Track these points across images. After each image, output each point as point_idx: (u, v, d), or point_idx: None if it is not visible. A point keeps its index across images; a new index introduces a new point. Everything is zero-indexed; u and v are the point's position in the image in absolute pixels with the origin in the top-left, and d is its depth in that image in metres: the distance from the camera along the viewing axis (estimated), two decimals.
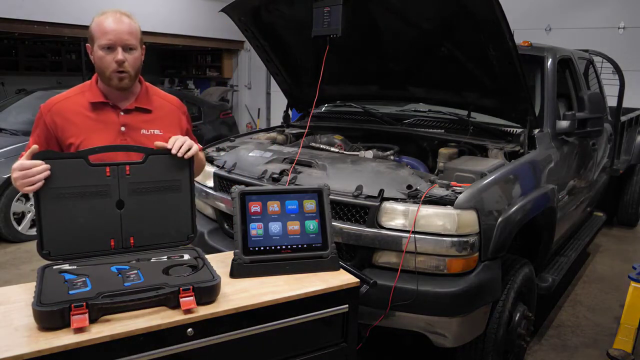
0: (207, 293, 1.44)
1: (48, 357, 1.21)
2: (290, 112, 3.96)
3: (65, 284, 1.41)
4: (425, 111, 3.41)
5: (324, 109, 3.99)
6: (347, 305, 1.65)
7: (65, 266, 1.53)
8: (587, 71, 4.37)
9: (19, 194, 4.89)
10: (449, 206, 2.20)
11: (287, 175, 2.58)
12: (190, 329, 1.37)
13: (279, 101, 7.53)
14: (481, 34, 2.55)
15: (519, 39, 3.08)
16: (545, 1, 8.14)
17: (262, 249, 1.69)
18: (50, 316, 1.27)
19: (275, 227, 1.72)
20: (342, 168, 2.60)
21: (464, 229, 2.19)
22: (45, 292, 1.35)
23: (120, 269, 1.51)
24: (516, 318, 2.57)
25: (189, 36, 10.41)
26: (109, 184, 1.63)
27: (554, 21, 8.07)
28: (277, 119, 6.42)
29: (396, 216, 2.26)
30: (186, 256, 1.64)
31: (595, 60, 4.77)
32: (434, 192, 2.26)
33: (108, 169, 1.62)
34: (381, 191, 2.30)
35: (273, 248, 1.70)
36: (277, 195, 1.77)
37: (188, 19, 10.24)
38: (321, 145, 3.22)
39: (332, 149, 3.12)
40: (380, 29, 2.98)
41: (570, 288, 4.14)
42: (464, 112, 3.14)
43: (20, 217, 5.00)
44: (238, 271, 1.65)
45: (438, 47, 2.86)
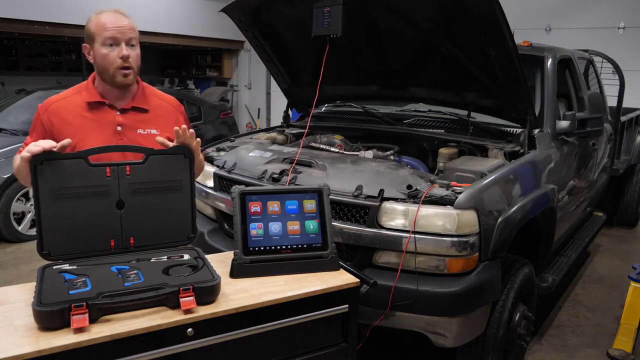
0: (207, 293, 1.44)
1: (48, 357, 1.21)
2: (290, 112, 3.96)
3: (65, 284, 1.41)
4: (425, 111, 3.41)
5: (324, 109, 3.99)
6: (347, 305, 1.65)
7: (65, 266, 1.53)
8: (587, 71, 4.37)
9: (19, 194, 4.89)
10: (449, 206, 2.20)
11: (287, 175, 2.58)
12: (190, 329, 1.37)
13: (279, 101, 7.52)
14: (481, 34, 2.55)
15: (519, 39, 3.07)
16: (545, 1, 8.14)
17: (262, 249, 1.69)
18: (50, 316, 1.27)
19: (275, 227, 1.72)
20: (342, 168, 2.60)
21: (464, 229, 2.19)
22: (45, 292, 1.35)
23: (120, 269, 1.51)
24: (516, 318, 2.57)
25: (189, 36, 10.40)
26: (109, 184, 1.62)
27: (554, 21, 8.07)
28: (277, 119, 6.43)
29: (396, 216, 2.26)
30: (186, 256, 1.64)
31: (595, 60, 4.76)
32: (434, 192, 2.26)
33: (108, 169, 1.62)
34: (381, 191, 2.30)
35: (273, 248, 1.70)
36: (277, 195, 1.77)
37: (188, 19, 10.23)
38: (321, 145, 3.22)
39: (332, 149, 3.12)
40: (380, 29, 2.98)
41: (570, 288, 4.14)
42: (464, 112, 3.14)
43: (20, 217, 5.00)
44: (238, 271, 1.65)
45: (438, 47, 2.86)
